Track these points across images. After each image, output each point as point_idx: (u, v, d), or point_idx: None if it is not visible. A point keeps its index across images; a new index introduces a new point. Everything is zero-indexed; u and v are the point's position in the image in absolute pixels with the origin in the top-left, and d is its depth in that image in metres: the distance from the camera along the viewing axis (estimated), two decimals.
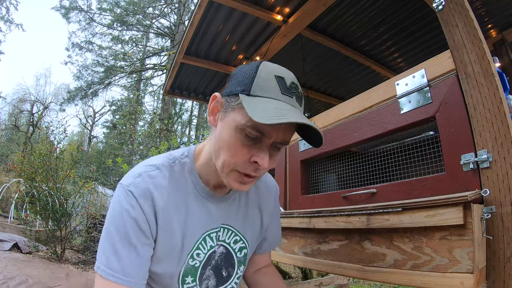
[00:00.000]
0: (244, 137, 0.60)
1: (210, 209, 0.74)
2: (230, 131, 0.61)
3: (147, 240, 0.64)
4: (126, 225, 0.62)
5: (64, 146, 5.14)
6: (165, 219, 0.67)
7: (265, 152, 0.61)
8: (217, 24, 2.33)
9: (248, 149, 0.61)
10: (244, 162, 0.61)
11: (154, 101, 18.21)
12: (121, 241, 0.61)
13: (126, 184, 0.66)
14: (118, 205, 0.64)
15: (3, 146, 16.82)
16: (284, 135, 0.62)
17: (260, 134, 0.60)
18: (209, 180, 0.74)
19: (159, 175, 0.69)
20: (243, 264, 0.83)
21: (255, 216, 0.87)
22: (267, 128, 0.59)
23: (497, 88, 0.77)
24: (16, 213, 6.84)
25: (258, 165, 0.61)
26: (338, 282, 2.79)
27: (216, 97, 0.67)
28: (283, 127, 0.61)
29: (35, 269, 3.26)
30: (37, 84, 27.56)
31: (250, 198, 0.86)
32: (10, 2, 15.93)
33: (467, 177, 0.79)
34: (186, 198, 0.71)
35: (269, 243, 0.95)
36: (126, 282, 0.60)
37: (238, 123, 0.60)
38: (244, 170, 0.62)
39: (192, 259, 0.71)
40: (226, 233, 0.78)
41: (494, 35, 2.61)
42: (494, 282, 0.71)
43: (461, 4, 0.88)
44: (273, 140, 0.61)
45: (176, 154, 0.76)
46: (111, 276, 0.60)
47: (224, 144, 0.63)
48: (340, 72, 3.17)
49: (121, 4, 14.26)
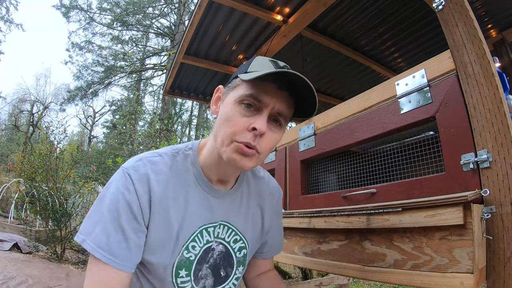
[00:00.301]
0: (243, 109, 0.63)
1: (210, 203, 0.74)
2: (230, 106, 0.65)
3: (138, 226, 0.64)
4: (118, 208, 0.62)
5: (64, 146, 5.14)
6: (161, 207, 0.66)
7: (263, 119, 0.62)
8: (217, 24, 2.33)
9: (247, 118, 0.63)
10: (243, 130, 0.62)
11: (154, 101, 18.23)
12: (112, 222, 0.62)
13: (126, 167, 0.67)
14: (115, 186, 0.65)
15: (3, 146, 16.81)
16: (280, 102, 0.64)
17: (257, 100, 0.62)
18: (211, 173, 0.74)
19: (160, 162, 0.70)
20: (242, 265, 0.81)
21: (256, 217, 0.86)
22: (262, 94, 0.62)
23: (497, 88, 0.77)
24: (16, 213, 6.84)
25: (257, 131, 0.61)
26: (338, 282, 2.79)
27: (219, 88, 0.74)
28: (278, 94, 0.63)
29: (35, 269, 3.26)
30: (37, 84, 27.63)
31: (252, 198, 0.85)
32: (10, 2, 15.94)
33: (467, 177, 0.79)
34: (187, 189, 0.71)
35: (270, 247, 0.94)
36: (106, 259, 0.60)
37: (236, 96, 0.64)
38: (243, 139, 0.62)
39: (187, 251, 0.70)
40: (226, 231, 0.77)
41: (494, 35, 2.61)
42: (494, 282, 0.71)
43: (461, 4, 0.88)
44: (270, 108, 0.63)
45: (181, 146, 0.77)
46: (96, 252, 0.60)
47: (224, 119, 0.65)
48: (340, 72, 3.17)
49: (121, 4, 14.25)
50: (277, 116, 0.65)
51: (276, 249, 0.97)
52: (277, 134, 0.67)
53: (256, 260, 0.94)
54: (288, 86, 0.64)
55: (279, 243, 0.97)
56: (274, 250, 0.96)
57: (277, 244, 0.97)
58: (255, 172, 0.91)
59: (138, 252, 0.65)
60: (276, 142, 0.68)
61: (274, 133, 0.66)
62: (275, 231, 0.94)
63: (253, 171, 0.91)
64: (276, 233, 0.95)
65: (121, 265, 0.61)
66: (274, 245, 0.95)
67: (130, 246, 0.63)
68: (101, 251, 0.60)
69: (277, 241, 0.96)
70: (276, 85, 0.63)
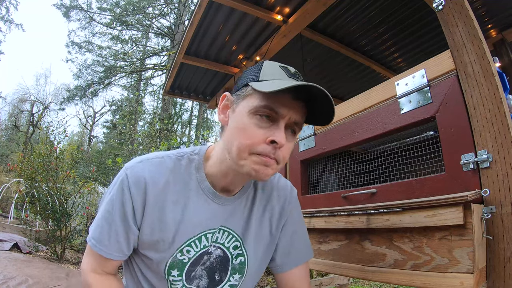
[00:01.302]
0: (258, 120, 0.61)
1: (212, 209, 0.72)
2: (243, 118, 0.63)
3: (128, 226, 0.68)
4: (113, 206, 0.68)
5: (64, 146, 5.14)
6: (157, 209, 0.68)
7: (281, 131, 0.61)
8: (217, 24, 2.33)
9: (263, 130, 0.61)
10: (261, 143, 0.61)
11: (154, 101, 18.23)
12: (105, 217, 0.69)
13: (127, 167, 0.70)
14: (114, 185, 0.70)
15: (3, 146, 16.81)
16: (296, 113, 0.63)
17: (273, 112, 0.61)
18: (216, 182, 0.73)
19: (161, 165, 0.70)
20: (238, 273, 0.76)
21: (263, 222, 0.79)
22: (279, 106, 0.60)
23: (497, 88, 0.77)
24: (16, 213, 6.84)
25: (276, 143, 0.60)
26: (338, 282, 2.78)
27: (226, 95, 0.70)
28: (294, 105, 0.62)
29: (35, 269, 3.26)
30: (37, 84, 27.53)
31: (258, 202, 0.79)
32: (10, 2, 15.93)
33: (467, 177, 0.79)
34: (188, 194, 0.70)
35: (286, 257, 0.81)
36: (96, 248, 0.68)
37: (250, 107, 0.62)
38: (262, 150, 0.61)
39: (181, 254, 0.69)
40: (226, 236, 0.74)
41: (494, 35, 2.61)
42: (494, 282, 0.71)
43: (461, 4, 0.88)
44: (287, 118, 0.62)
45: (187, 150, 0.76)
46: (89, 241, 0.70)
47: (238, 130, 0.63)
48: (340, 72, 3.18)
49: (121, 4, 14.25)
50: (294, 125, 0.65)
51: (293, 260, 0.82)
52: (293, 143, 0.68)
53: (277, 276, 0.82)
54: (304, 95, 0.63)
55: (297, 253, 0.83)
56: (291, 261, 0.81)
57: (296, 253, 0.82)
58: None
59: (127, 246, 0.70)
60: (291, 150, 0.68)
61: (290, 143, 0.66)
62: (286, 237, 0.82)
63: None
64: (287, 240, 0.82)
65: (108, 254, 0.69)
66: (289, 254, 0.82)
67: (119, 239, 0.68)
68: (93, 240, 0.69)
69: (292, 249, 0.82)
70: (291, 95, 0.61)
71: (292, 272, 0.81)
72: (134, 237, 0.69)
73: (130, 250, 0.71)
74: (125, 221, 0.67)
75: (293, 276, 0.81)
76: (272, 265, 0.83)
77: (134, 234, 0.69)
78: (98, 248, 0.68)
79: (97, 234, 0.69)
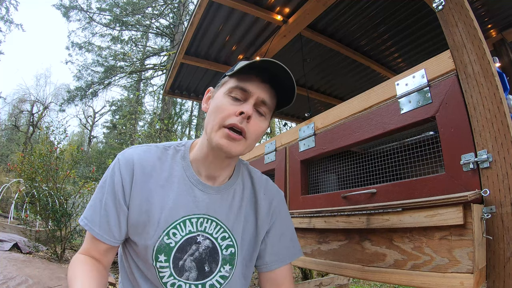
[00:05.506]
0: (231, 99, 0.72)
1: (196, 195, 0.77)
2: (219, 99, 0.74)
3: (119, 204, 0.73)
4: (106, 185, 0.74)
5: (64, 146, 5.14)
6: (143, 189, 0.74)
7: (249, 104, 0.71)
8: (217, 24, 2.33)
9: (235, 106, 0.71)
10: (231, 115, 0.70)
11: (154, 101, 18.22)
12: (98, 196, 0.75)
13: (121, 153, 0.79)
14: (109, 168, 0.77)
15: (3, 146, 16.81)
16: (263, 91, 0.73)
17: (243, 90, 0.72)
18: (200, 168, 0.79)
19: (148, 151, 0.78)
20: (229, 264, 0.78)
21: (249, 218, 0.83)
22: (248, 85, 0.72)
23: (497, 88, 0.77)
24: (16, 213, 6.84)
25: (244, 114, 0.69)
26: (338, 282, 2.79)
27: (210, 89, 0.83)
28: (262, 86, 0.73)
29: (35, 269, 3.26)
30: (37, 84, 27.63)
31: (246, 197, 0.84)
32: (10, 2, 15.93)
33: (467, 177, 0.79)
34: (173, 180, 0.76)
35: (273, 255, 0.85)
36: (87, 227, 0.73)
37: (225, 90, 0.74)
38: (230, 121, 0.70)
39: (167, 237, 0.73)
40: (214, 226, 0.77)
41: (494, 35, 2.61)
42: (494, 282, 0.71)
43: (461, 4, 0.88)
44: (255, 97, 0.72)
45: (174, 142, 0.85)
46: (81, 221, 0.75)
47: (214, 109, 0.73)
48: (340, 72, 3.17)
49: (120, 4, 14.24)
50: (262, 104, 0.73)
51: (281, 258, 0.85)
52: (263, 123, 0.75)
53: (264, 274, 0.85)
54: (270, 79, 0.73)
55: (285, 251, 0.87)
56: (279, 259, 0.85)
57: (282, 252, 0.86)
58: (252, 173, 0.90)
59: (117, 229, 0.73)
60: (261, 131, 0.75)
61: (260, 121, 0.74)
62: (275, 236, 0.86)
63: (250, 171, 0.90)
64: (277, 239, 0.86)
65: (99, 235, 0.72)
66: (278, 253, 0.85)
67: (109, 221, 0.72)
68: (85, 220, 0.74)
69: (280, 248, 0.86)
70: (260, 78, 0.73)
71: (280, 270, 0.85)
72: (123, 218, 0.73)
73: (121, 235, 0.74)
74: (116, 199, 0.72)
75: (280, 273, 0.85)
76: (259, 264, 0.86)
77: (124, 213, 0.73)
78: (89, 227, 0.72)
79: (90, 214, 0.74)
